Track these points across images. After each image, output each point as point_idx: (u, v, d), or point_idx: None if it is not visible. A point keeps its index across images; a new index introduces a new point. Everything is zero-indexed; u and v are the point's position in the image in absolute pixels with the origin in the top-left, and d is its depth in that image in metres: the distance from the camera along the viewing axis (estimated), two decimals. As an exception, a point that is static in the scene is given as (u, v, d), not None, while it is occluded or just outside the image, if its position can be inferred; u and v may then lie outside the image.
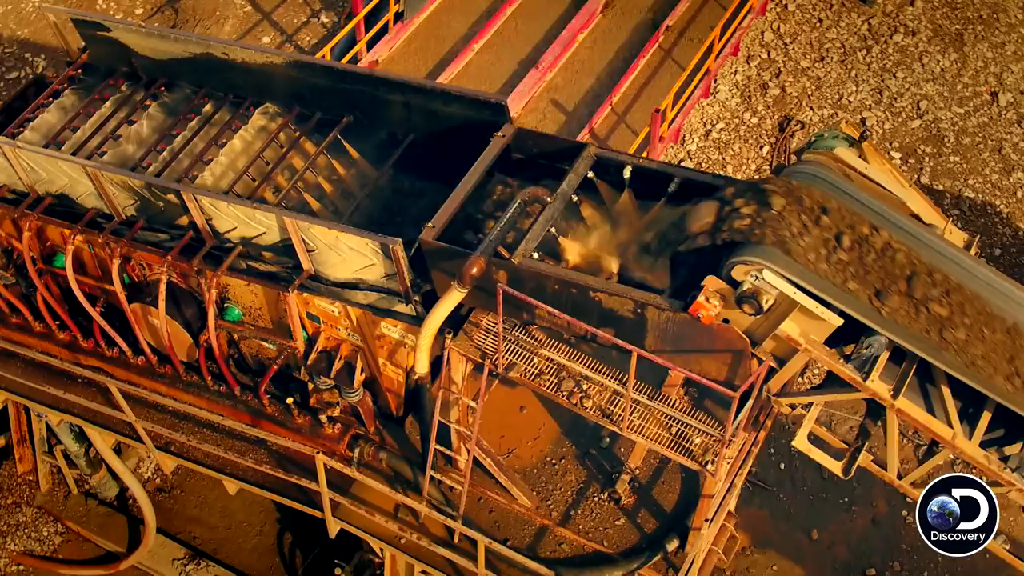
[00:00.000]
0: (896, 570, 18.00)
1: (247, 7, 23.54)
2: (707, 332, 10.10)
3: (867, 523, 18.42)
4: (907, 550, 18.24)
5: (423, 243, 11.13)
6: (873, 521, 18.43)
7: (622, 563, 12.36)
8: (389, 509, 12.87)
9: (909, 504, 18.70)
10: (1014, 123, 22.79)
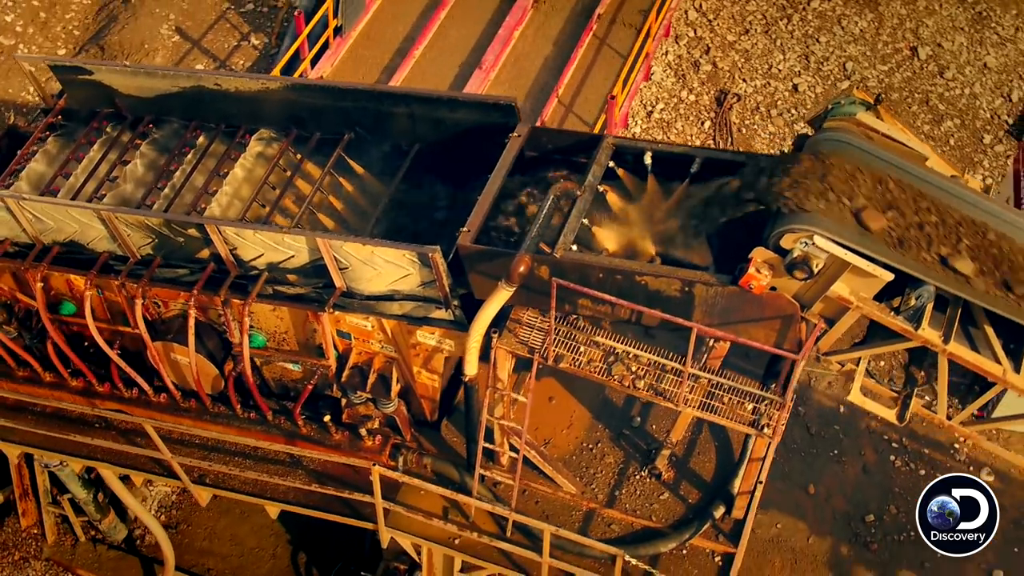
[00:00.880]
0: (893, 513, 18.57)
1: (175, 37, 23.42)
2: (756, 301, 10.51)
3: (859, 472, 18.99)
4: (900, 492, 18.83)
5: (460, 248, 11.38)
6: (864, 469, 19.00)
7: (674, 535, 12.73)
8: (438, 512, 13.06)
9: (895, 449, 19.38)
10: (936, 75, 23.66)
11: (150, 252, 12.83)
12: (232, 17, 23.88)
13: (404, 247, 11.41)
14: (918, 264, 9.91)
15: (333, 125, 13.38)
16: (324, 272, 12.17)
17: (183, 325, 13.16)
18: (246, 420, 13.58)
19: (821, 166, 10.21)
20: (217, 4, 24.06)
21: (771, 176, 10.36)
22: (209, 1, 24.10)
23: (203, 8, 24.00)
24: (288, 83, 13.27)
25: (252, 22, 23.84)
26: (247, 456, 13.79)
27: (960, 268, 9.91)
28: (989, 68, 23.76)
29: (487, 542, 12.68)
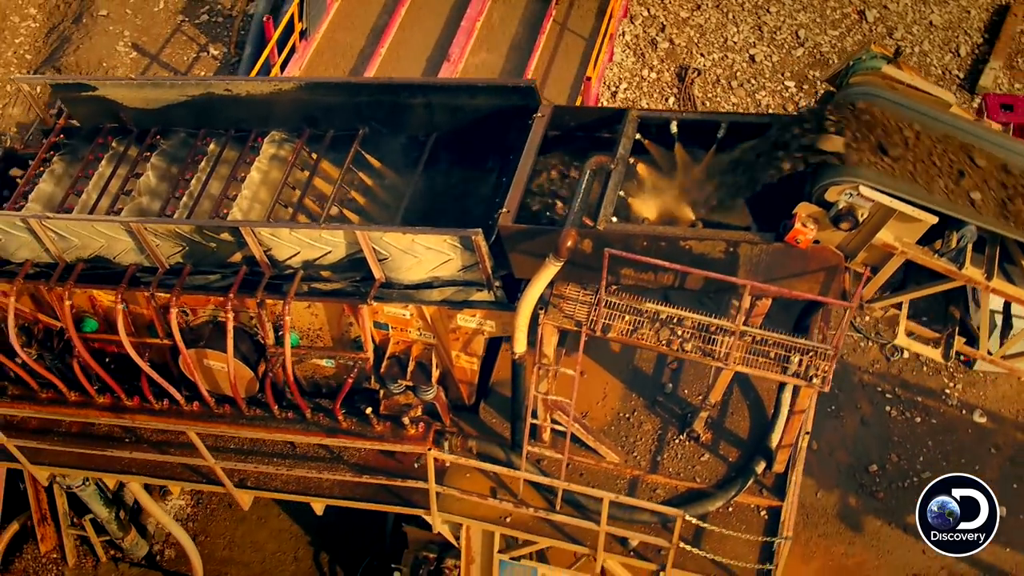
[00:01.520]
0: (895, 461, 19.14)
1: (132, 53, 23.32)
2: (800, 256, 10.85)
3: (857, 425, 19.52)
4: (899, 441, 19.42)
5: (502, 228, 11.59)
6: (862, 422, 19.55)
7: (720, 494, 13.06)
8: (486, 493, 13.26)
9: (889, 399, 19.95)
10: (885, 36, 24.26)
11: (179, 260, 12.86)
12: (188, 29, 23.81)
13: (446, 232, 11.59)
14: (960, 205, 10.29)
15: (347, 121, 13.49)
16: (361, 265, 12.30)
17: (214, 331, 13.23)
18: (284, 420, 13.65)
19: (857, 118, 10.55)
20: (171, 17, 23.98)
21: (808, 132, 10.67)
22: (162, 15, 24.01)
23: (157, 22, 23.90)
24: (302, 83, 13.37)
25: (208, 32, 23.79)
26: (285, 456, 13.85)
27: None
28: (935, 26, 24.41)
29: (543, 515, 12.87)
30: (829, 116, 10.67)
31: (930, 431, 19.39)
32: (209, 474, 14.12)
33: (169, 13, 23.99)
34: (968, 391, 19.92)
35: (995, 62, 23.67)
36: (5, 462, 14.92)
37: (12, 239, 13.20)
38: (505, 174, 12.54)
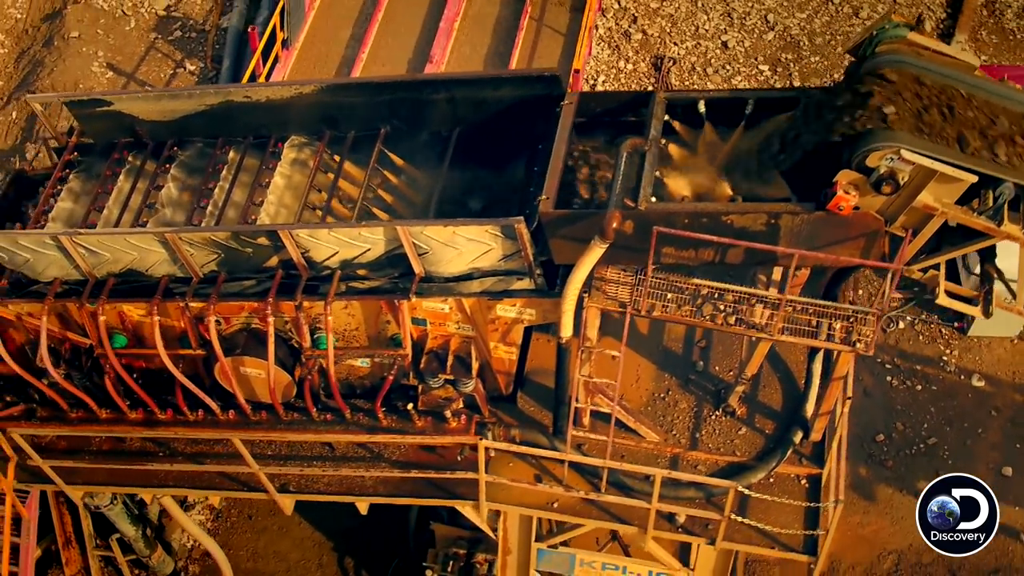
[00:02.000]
0: (900, 430, 19.58)
1: (108, 73, 23.24)
2: (841, 223, 11.10)
3: (861, 396, 19.92)
4: (902, 410, 19.87)
5: (543, 214, 11.75)
6: (865, 393, 19.96)
7: (760, 466, 13.28)
8: (532, 481, 13.41)
9: (889, 370, 20.38)
10: (852, 15, 24.73)
11: (214, 269, 12.89)
12: (162, 46, 23.78)
13: (487, 222, 11.74)
14: (997, 164, 10.59)
15: (367, 121, 13.60)
16: (399, 261, 12.41)
17: (249, 338, 13.26)
18: (323, 422, 13.70)
19: (890, 85, 10.83)
20: (143, 35, 23.92)
21: (842, 103, 10.94)
22: (135, 34, 23.94)
23: (130, 41, 23.83)
24: (322, 84, 13.46)
25: (183, 48, 23.76)
26: (324, 458, 13.91)
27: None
28: (899, 3, 24.91)
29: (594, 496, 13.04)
30: (866, 84, 10.92)
31: (931, 398, 19.85)
32: (249, 481, 14.12)
33: (141, 31, 23.92)
34: (965, 357, 20.37)
35: (960, 35, 24.19)
36: (39, 484, 14.82)
37: (41, 258, 13.16)
38: (536, 163, 12.70)
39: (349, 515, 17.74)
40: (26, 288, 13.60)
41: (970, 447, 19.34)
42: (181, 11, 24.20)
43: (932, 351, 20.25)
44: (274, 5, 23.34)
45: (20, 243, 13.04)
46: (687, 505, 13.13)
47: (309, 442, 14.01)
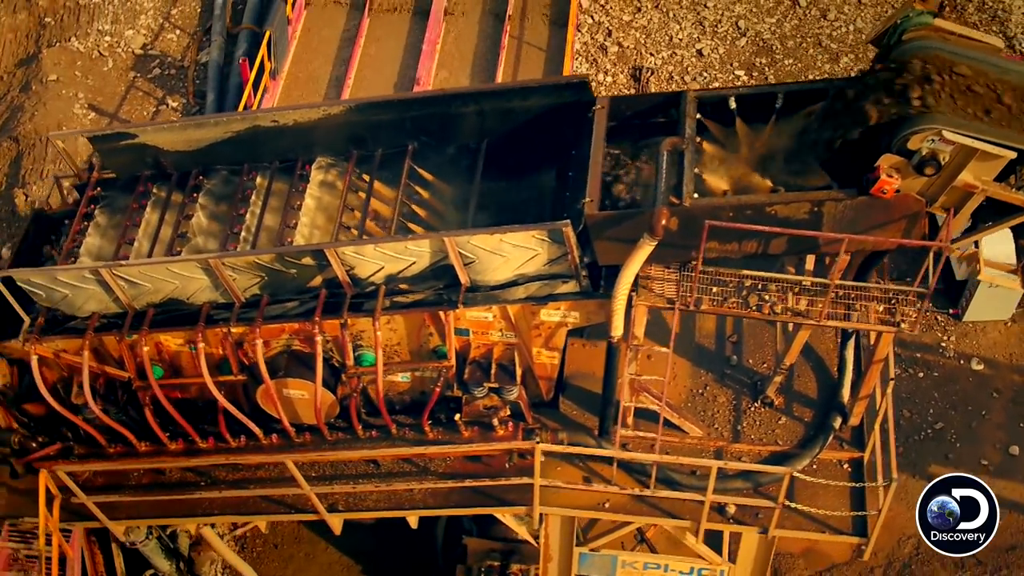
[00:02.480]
0: (907, 416, 19.95)
1: (91, 114, 23.20)
2: (883, 207, 11.42)
3: (867, 386, 20.25)
4: (907, 397, 20.25)
5: (588, 217, 11.97)
6: (870, 383, 20.28)
7: (804, 453, 13.55)
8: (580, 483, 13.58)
9: (890, 359, 20.73)
10: (820, 18, 25.25)
11: (256, 292, 12.96)
12: (142, 84, 23.77)
13: (534, 227, 11.94)
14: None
15: (394, 138, 13.75)
16: (443, 273, 12.56)
17: (290, 360, 13.32)
18: (369, 440, 13.78)
19: (923, 69, 11.18)
20: (122, 75, 23.91)
21: (878, 90, 11.26)
22: (114, 73, 23.92)
23: (110, 81, 23.81)
24: (351, 104, 13.60)
25: (164, 85, 23.77)
26: (370, 476, 13.99)
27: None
28: (864, 3, 25.46)
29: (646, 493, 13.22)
30: (899, 70, 11.25)
31: (934, 384, 20.24)
32: (296, 503, 14.15)
33: (120, 71, 23.91)
34: (962, 342, 20.81)
35: (927, 31, 24.69)
36: (81, 522, 14.74)
37: (80, 293, 13.17)
38: (570, 168, 12.92)
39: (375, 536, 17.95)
40: (62, 325, 13.52)
41: (975, 429, 19.73)
42: (158, 49, 24.20)
43: (930, 338, 20.66)
44: (252, 38, 23.52)
45: (58, 279, 13.02)
46: (737, 496, 13.29)
47: (353, 460, 14.03)
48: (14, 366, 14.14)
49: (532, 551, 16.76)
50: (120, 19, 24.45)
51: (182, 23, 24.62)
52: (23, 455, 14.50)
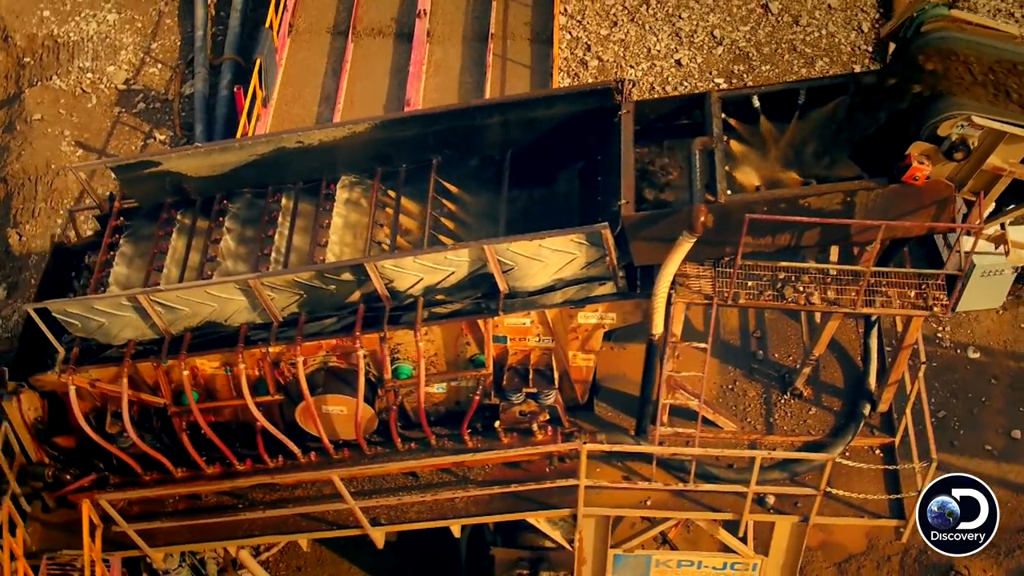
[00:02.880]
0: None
1: (79, 151, 23.21)
2: (913, 193, 11.76)
3: (866, 378, 20.63)
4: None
5: (625, 218, 12.23)
6: (870, 376, 20.67)
7: (838, 441, 13.84)
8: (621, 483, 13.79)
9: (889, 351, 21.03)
10: (792, 24, 25.74)
11: (294, 311, 13.08)
12: (128, 119, 23.81)
13: (572, 231, 12.19)
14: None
15: (418, 153, 13.97)
16: (480, 282, 12.76)
17: (328, 377, 13.43)
18: (408, 452, 13.90)
19: (946, 59, 11.55)
20: (107, 111, 23.93)
21: (904, 81, 11.62)
22: (98, 110, 23.94)
23: (95, 118, 23.83)
24: (376, 121, 13.78)
25: (150, 119, 23.82)
26: (410, 488, 14.11)
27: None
28: (834, 8, 25.98)
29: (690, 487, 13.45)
30: (922, 61, 11.62)
31: (933, 374, 20.61)
32: (337, 520, 14.23)
33: (104, 107, 23.92)
34: (957, 331, 21.24)
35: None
36: (119, 551, 14.72)
37: (116, 321, 13.23)
38: (599, 173, 13.18)
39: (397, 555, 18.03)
40: (97, 354, 13.57)
41: (977, 416, 20.13)
42: (141, 83, 24.24)
43: (926, 329, 21.02)
44: (235, 68, 23.64)
45: (95, 308, 13.08)
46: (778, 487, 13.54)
47: (392, 474, 14.15)
48: (44, 399, 14.09)
49: (560, 557, 16.86)
50: (100, 56, 24.44)
51: (163, 57, 24.66)
52: (56, 488, 14.44)
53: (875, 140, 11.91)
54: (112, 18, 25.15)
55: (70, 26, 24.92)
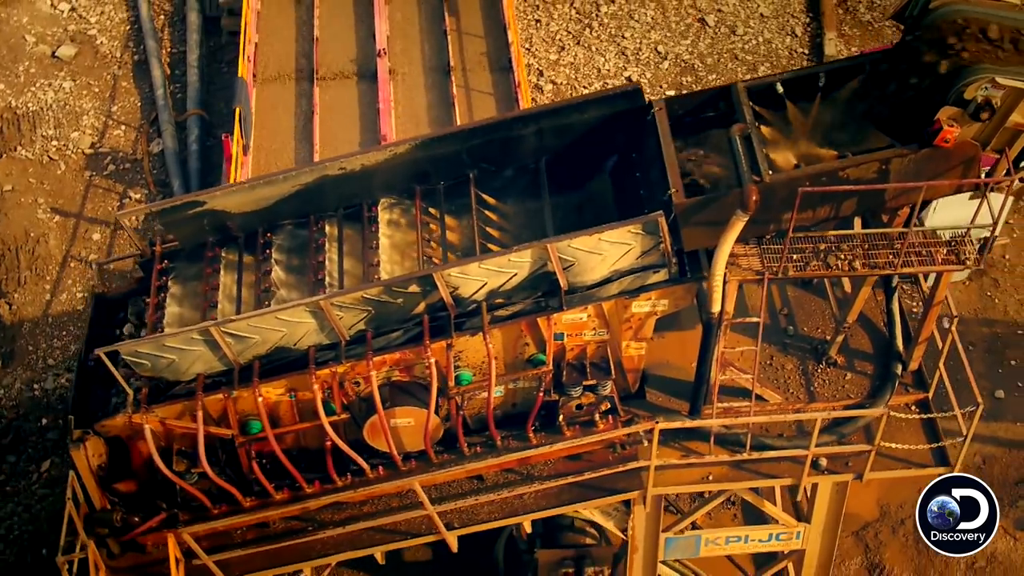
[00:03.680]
0: (899, 379, 21.32)
1: (56, 217, 23.34)
2: (944, 155, 12.71)
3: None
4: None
5: (677, 205, 13.00)
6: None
7: (877, 402, 14.70)
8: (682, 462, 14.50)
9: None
10: (729, 34, 26.94)
11: (361, 328, 13.55)
12: (100, 182, 24.02)
13: (630, 222, 12.90)
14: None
15: (455, 170, 14.57)
16: (540, 282, 13.39)
17: (393, 391, 13.90)
18: (474, 455, 14.42)
19: (961, 29, 12.56)
20: (77, 175, 24.11)
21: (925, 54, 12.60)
22: (68, 175, 24.10)
23: (66, 183, 23.99)
24: (416, 142, 14.33)
25: (122, 179, 24.06)
26: (476, 492, 14.61)
27: None
28: (766, 16, 27.25)
29: (751, 455, 14.19)
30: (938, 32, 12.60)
31: (914, 347, 21.62)
32: (409, 529, 14.65)
33: (74, 172, 24.11)
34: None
35: (829, 33, 26.64)
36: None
37: (186, 356, 13.54)
38: (638, 170, 13.94)
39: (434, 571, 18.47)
40: (165, 393, 13.87)
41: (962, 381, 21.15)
42: (107, 146, 24.46)
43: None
44: (201, 122, 24.07)
45: (166, 345, 13.39)
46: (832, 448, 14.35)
47: (458, 479, 14.64)
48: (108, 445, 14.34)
49: (601, 553, 17.54)
50: (63, 123, 24.61)
51: (125, 118, 24.92)
52: (124, 533, 14.63)
53: (901, 111, 12.80)
54: (68, 85, 25.31)
55: (27, 97, 25.02)
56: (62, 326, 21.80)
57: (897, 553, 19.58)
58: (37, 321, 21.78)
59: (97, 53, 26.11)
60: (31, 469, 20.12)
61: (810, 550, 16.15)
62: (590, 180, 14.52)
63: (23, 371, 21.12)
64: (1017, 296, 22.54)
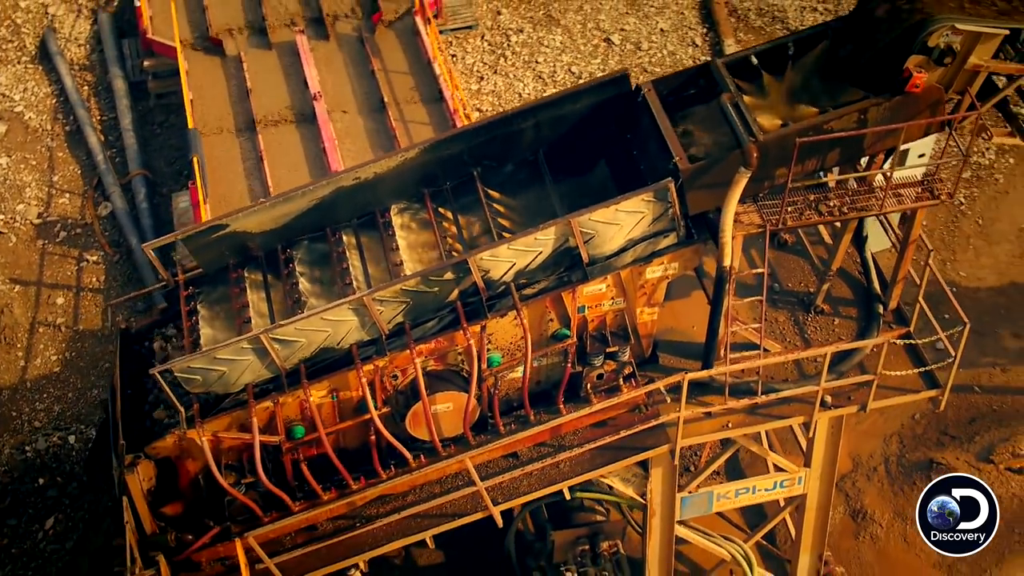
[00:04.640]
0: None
1: (16, 287, 23.59)
2: (913, 101, 14.19)
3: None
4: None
5: (682, 171, 14.23)
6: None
7: (868, 339, 16.05)
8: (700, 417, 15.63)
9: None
10: (635, 50, 28.49)
11: (399, 320, 14.42)
12: (54, 249, 24.33)
13: (643, 191, 14.08)
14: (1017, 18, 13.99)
15: (459, 169, 15.58)
16: (562, 258, 14.46)
17: (429, 380, 14.74)
18: (509, 431, 15.33)
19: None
20: (30, 246, 24.40)
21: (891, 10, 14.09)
22: (20, 246, 24.37)
23: (21, 254, 24.25)
24: (425, 145, 15.31)
25: (76, 244, 24.41)
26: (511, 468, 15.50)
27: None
28: (666, 31, 28.88)
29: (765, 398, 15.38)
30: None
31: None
32: (455, 510, 15.43)
33: (26, 243, 24.39)
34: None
35: (727, 40, 28.37)
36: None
37: (236, 367, 14.22)
38: (634, 148, 15.13)
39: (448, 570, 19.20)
40: (214, 408, 14.51)
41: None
42: (55, 214, 24.81)
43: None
44: (146, 181, 24.66)
45: (217, 357, 14.05)
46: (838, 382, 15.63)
47: (496, 457, 15.52)
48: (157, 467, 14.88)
49: (612, 527, 18.48)
50: (6, 197, 24.90)
51: (68, 186, 25.30)
52: (179, 552, 15.14)
53: (873, 65, 14.23)
54: (4, 161, 25.61)
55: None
56: (42, 389, 22.05)
57: (876, 498, 20.92)
58: (16, 387, 22.00)
59: (27, 128, 26.41)
60: (34, 529, 20.28)
61: (811, 494, 17.33)
62: (588, 165, 15.60)
63: (10, 436, 21.31)
64: (940, 256, 24.19)
